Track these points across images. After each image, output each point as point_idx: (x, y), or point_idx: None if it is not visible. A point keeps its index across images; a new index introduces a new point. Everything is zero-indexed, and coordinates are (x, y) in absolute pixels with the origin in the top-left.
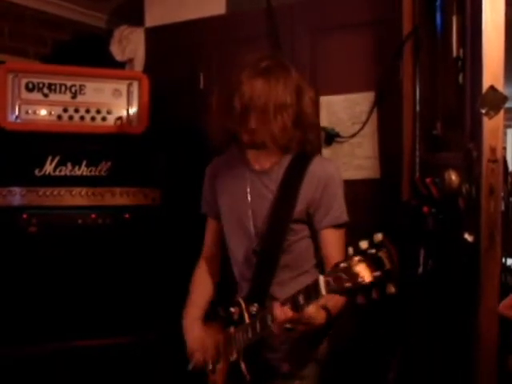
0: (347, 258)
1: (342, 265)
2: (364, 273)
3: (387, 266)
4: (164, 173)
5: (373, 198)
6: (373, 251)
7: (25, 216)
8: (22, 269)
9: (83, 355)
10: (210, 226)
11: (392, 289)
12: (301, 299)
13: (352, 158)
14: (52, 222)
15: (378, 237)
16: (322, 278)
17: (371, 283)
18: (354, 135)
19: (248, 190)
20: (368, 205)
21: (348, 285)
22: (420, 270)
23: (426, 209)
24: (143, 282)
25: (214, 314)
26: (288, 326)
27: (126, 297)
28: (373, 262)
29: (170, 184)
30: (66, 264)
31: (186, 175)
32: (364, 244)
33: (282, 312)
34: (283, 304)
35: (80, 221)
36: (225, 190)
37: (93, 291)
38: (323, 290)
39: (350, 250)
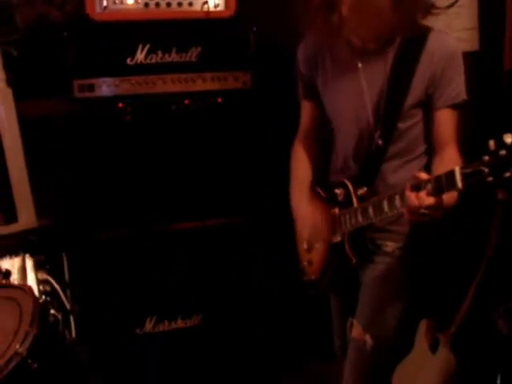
0: (491, 151)
1: (485, 158)
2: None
3: None
4: (254, 56)
5: (472, 72)
6: None
7: (120, 105)
8: (120, 157)
9: (175, 238)
10: (307, 108)
11: None
12: (433, 187)
13: (449, 30)
14: (146, 110)
15: None
16: (458, 170)
17: None
18: (451, 5)
19: (360, 75)
20: (467, 79)
21: (490, 179)
22: None
23: None
24: (236, 166)
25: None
26: (423, 211)
27: (219, 181)
28: None
29: (262, 67)
30: (160, 151)
31: (277, 57)
32: (509, 138)
33: (418, 198)
34: (414, 189)
35: (173, 107)
36: (329, 78)
37: (187, 177)
38: (459, 183)
39: (492, 144)
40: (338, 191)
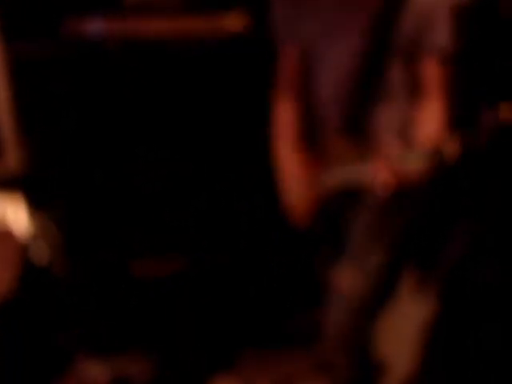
0: None
1: None
2: None
3: None
4: None
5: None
6: None
7: (110, 47)
8: (111, 100)
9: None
10: (289, 55)
11: None
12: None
13: None
14: (136, 52)
15: None
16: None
17: None
18: None
19: (331, 20)
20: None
21: None
22: None
23: None
24: (231, 111)
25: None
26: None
27: (212, 128)
28: None
29: (260, 8)
30: (152, 97)
31: None
32: None
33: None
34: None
35: (166, 50)
36: (308, 18)
37: (180, 123)
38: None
39: None
40: (324, 142)
